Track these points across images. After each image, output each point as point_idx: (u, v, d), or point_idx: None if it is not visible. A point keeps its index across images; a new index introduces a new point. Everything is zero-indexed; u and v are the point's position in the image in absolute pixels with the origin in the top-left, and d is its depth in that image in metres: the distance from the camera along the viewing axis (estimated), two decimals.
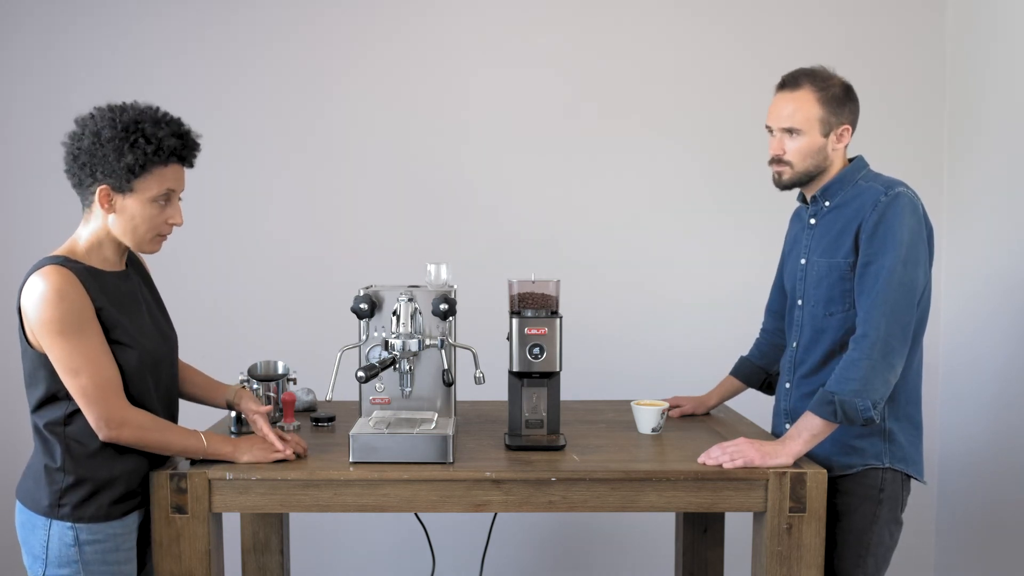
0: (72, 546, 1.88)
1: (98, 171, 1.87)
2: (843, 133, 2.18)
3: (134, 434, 1.88)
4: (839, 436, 2.14)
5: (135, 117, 1.89)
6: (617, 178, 3.48)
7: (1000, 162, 3.12)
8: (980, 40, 3.26)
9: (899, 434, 2.16)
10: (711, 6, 3.45)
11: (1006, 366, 3.04)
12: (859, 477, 2.15)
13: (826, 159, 2.18)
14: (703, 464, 2.05)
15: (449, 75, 3.45)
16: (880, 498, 2.14)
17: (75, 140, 1.90)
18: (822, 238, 2.21)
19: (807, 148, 2.16)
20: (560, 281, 2.28)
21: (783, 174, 2.20)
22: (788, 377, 2.30)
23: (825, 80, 2.16)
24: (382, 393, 2.29)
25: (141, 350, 1.93)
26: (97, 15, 3.41)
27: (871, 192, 2.13)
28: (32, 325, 1.84)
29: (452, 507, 2.01)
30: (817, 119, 2.14)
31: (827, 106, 2.14)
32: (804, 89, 2.15)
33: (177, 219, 1.97)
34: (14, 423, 3.38)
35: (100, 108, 1.92)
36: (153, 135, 1.88)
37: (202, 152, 2.01)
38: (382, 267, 3.21)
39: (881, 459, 2.14)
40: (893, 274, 2.04)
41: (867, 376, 2.01)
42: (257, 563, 2.63)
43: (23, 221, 3.43)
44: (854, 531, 2.15)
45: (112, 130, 1.86)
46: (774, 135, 2.20)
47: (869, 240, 2.08)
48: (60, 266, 1.85)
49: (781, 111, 2.17)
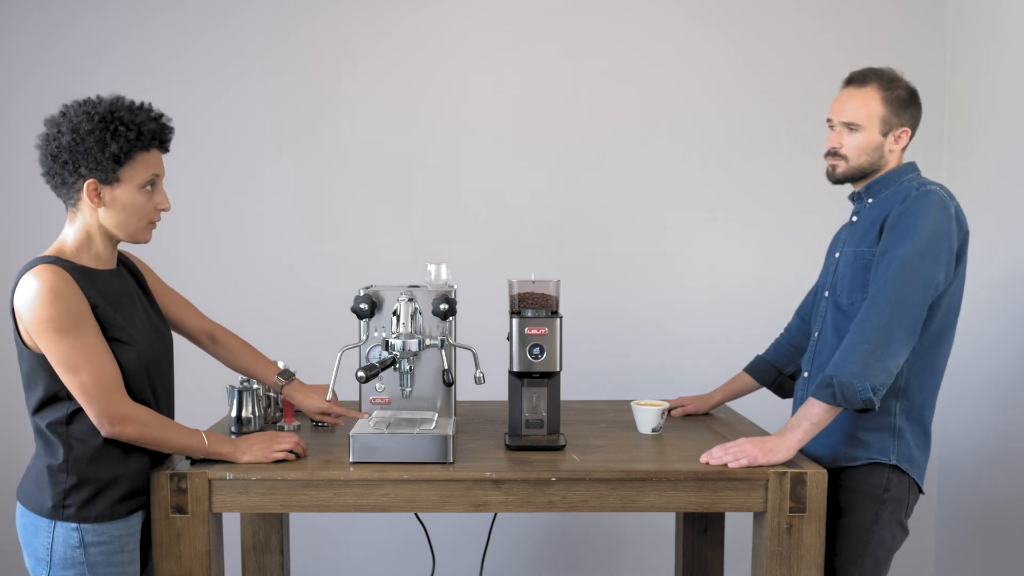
0: (77, 547, 1.87)
1: (82, 166, 1.85)
2: (901, 135, 2.20)
3: (136, 430, 1.88)
4: (848, 427, 2.15)
5: (109, 108, 1.88)
6: (617, 178, 3.48)
7: (1000, 162, 3.12)
8: (980, 40, 3.26)
9: (908, 435, 2.16)
10: (711, 7, 3.45)
11: (1006, 366, 3.04)
12: (863, 474, 2.15)
13: (881, 158, 2.20)
14: (706, 464, 2.05)
15: (449, 75, 3.45)
16: (884, 498, 2.14)
17: (52, 140, 1.87)
18: (857, 232, 2.23)
19: (864, 144, 2.18)
20: (560, 281, 2.28)
21: (837, 167, 2.23)
22: (807, 367, 2.30)
23: (892, 81, 2.19)
24: (382, 393, 2.30)
25: (139, 348, 1.92)
26: (97, 15, 3.41)
27: (904, 188, 2.16)
28: (27, 325, 1.82)
29: (452, 507, 2.01)
30: (878, 117, 2.17)
31: (890, 106, 2.17)
32: (870, 87, 2.18)
33: (165, 204, 1.96)
34: (14, 424, 3.39)
35: (69, 105, 1.90)
36: (132, 122, 1.87)
37: (202, 152, 2.01)
38: (382, 267, 3.22)
39: (887, 455, 2.14)
40: (907, 264, 2.04)
41: (867, 360, 2.00)
42: (257, 563, 2.63)
43: (21, 222, 3.43)
44: (854, 528, 2.15)
45: (90, 123, 1.85)
46: (834, 128, 2.23)
47: (891, 229, 2.10)
48: (52, 265, 1.84)
49: (845, 106, 2.20)
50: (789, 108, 3.44)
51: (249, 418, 2.35)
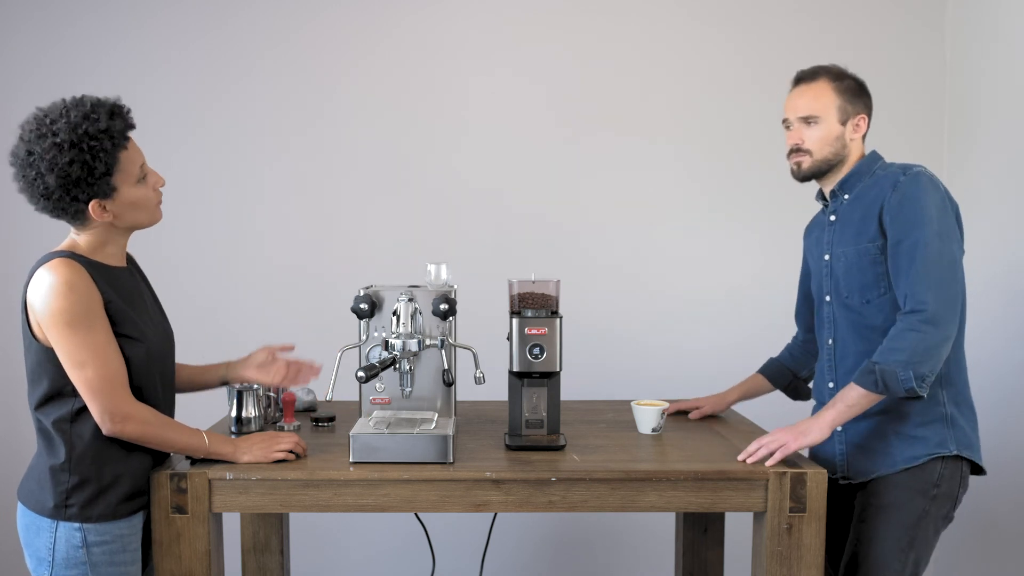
0: (80, 547, 1.87)
1: (78, 194, 1.84)
2: (860, 122, 2.20)
3: (138, 429, 1.88)
4: (900, 427, 2.13)
5: (70, 128, 1.82)
6: (617, 178, 3.48)
7: (1000, 162, 3.12)
8: (980, 40, 3.26)
9: (960, 419, 2.13)
10: (711, 6, 3.45)
11: (1006, 365, 3.04)
12: (917, 470, 2.11)
13: (844, 147, 2.20)
14: (744, 461, 2.04)
15: (449, 75, 3.45)
16: (934, 494, 2.11)
17: (35, 182, 1.84)
18: (844, 230, 2.20)
19: (825, 135, 2.18)
20: (560, 281, 2.28)
21: (802, 163, 2.21)
22: (831, 376, 2.27)
23: (839, 73, 2.21)
24: (382, 393, 2.30)
25: (148, 344, 1.93)
26: (97, 15, 3.41)
27: (889, 176, 2.14)
28: (40, 317, 1.83)
29: (452, 507, 2.01)
30: (835, 106, 2.18)
31: (843, 95, 2.18)
32: (821, 80, 2.20)
33: (160, 181, 1.98)
34: (15, 424, 3.39)
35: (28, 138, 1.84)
36: (99, 131, 1.83)
37: (203, 152, 2.01)
38: (382, 267, 3.21)
39: (947, 446, 2.10)
40: (929, 248, 2.02)
41: (914, 347, 1.99)
42: (257, 563, 2.63)
43: (21, 222, 3.43)
44: (902, 525, 2.10)
45: (63, 154, 1.81)
46: (792, 128, 2.22)
47: (895, 218, 2.07)
48: (68, 259, 1.85)
49: (798, 101, 2.21)
50: None
51: (249, 418, 2.35)
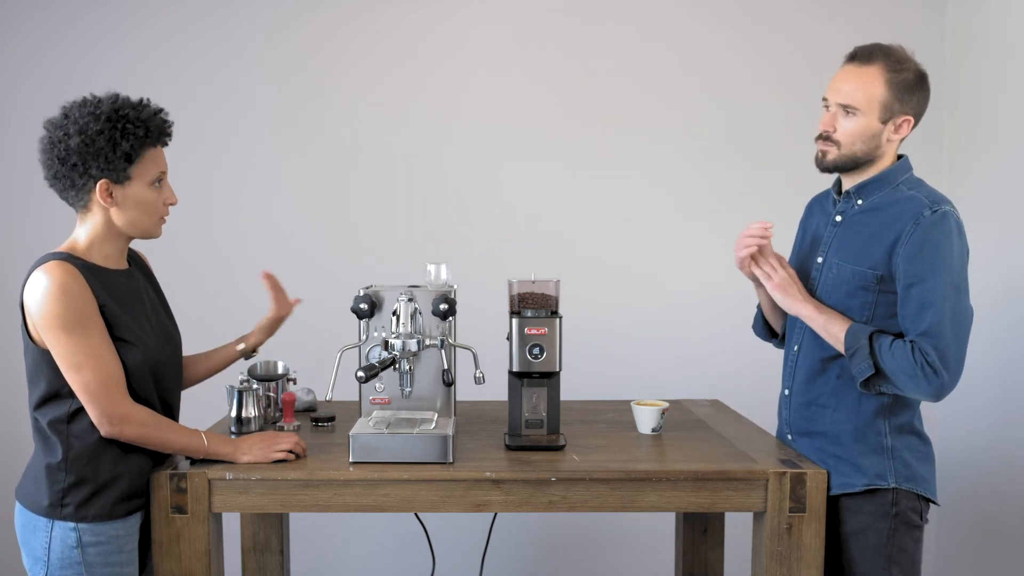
0: (74, 547, 1.87)
1: (93, 167, 1.86)
2: (903, 124, 1.99)
3: (136, 431, 1.88)
4: (842, 453, 2.05)
5: (113, 106, 1.88)
6: (617, 178, 3.47)
7: (1000, 161, 3.12)
8: (980, 40, 3.25)
9: (904, 452, 2.03)
10: (710, 6, 3.45)
11: (1006, 367, 3.04)
12: (867, 495, 2.03)
13: (878, 148, 2.00)
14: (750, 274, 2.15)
15: (449, 75, 3.45)
16: (895, 512, 2.02)
17: (58, 143, 1.86)
18: (846, 239, 2.06)
19: (860, 131, 1.98)
20: (560, 281, 2.28)
21: (827, 154, 2.03)
22: (787, 384, 2.20)
23: (900, 62, 1.97)
24: (382, 393, 2.29)
25: (145, 348, 1.93)
26: (97, 15, 3.41)
27: (913, 203, 1.96)
28: (35, 320, 1.84)
29: (452, 507, 2.01)
30: (879, 102, 1.96)
31: (894, 90, 1.96)
32: (875, 66, 1.96)
33: (173, 199, 1.99)
34: (14, 424, 3.38)
35: (68, 106, 1.90)
36: (138, 119, 1.88)
37: (202, 153, 2.01)
38: (382, 267, 3.21)
39: (886, 478, 2.01)
40: (946, 302, 1.89)
41: (909, 375, 1.90)
42: (257, 563, 2.63)
43: (22, 222, 3.43)
44: (872, 547, 2.03)
45: (98, 123, 1.84)
46: (829, 109, 2.02)
47: (912, 260, 1.92)
48: (64, 261, 1.85)
49: (843, 85, 1.98)
50: (790, 108, 3.43)
51: (249, 418, 2.35)
